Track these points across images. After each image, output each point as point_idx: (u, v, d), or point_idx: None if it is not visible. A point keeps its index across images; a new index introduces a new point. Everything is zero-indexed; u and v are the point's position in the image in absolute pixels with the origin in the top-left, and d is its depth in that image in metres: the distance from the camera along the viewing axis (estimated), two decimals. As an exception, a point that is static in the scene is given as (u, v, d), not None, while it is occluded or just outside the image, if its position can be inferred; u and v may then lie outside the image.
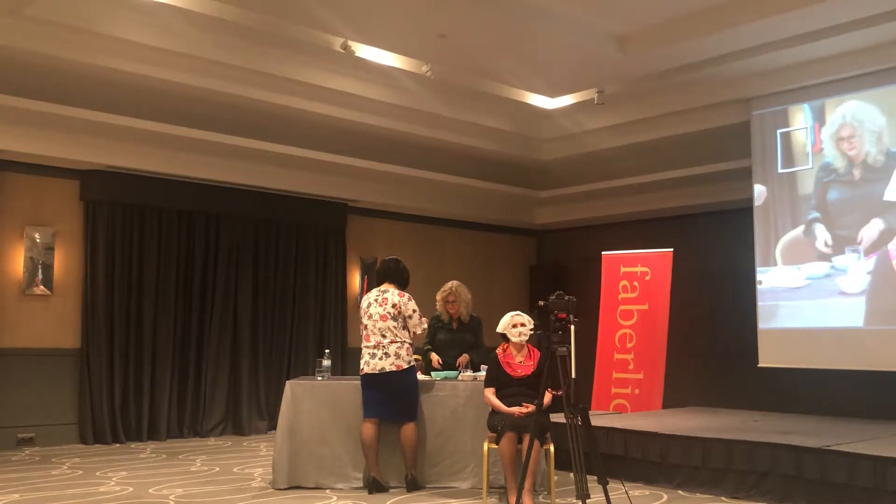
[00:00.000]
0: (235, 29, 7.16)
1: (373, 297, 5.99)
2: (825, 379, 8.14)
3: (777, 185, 8.28)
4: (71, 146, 7.92)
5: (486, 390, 5.55)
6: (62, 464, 6.99)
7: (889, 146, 7.50)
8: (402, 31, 7.40)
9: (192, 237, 8.98)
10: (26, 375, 7.91)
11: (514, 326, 5.54)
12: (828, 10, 6.57)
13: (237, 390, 9.11)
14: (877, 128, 7.61)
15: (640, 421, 7.14)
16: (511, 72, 8.39)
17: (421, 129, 9.25)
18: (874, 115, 7.61)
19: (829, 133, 7.93)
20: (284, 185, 9.41)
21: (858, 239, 7.63)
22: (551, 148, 10.40)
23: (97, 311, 8.25)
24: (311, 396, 6.06)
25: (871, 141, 7.63)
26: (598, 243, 10.19)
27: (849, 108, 7.79)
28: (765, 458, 5.67)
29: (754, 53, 7.49)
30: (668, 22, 7.24)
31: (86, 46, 6.97)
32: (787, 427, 6.81)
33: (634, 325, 8.72)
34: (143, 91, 7.67)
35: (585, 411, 4.67)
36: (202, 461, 7.20)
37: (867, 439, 6.02)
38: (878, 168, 7.56)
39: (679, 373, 9.20)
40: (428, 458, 6.00)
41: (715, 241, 10.17)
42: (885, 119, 7.53)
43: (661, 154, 9.60)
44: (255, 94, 7.98)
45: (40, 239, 8.10)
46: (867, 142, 7.66)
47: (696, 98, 8.57)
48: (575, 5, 6.97)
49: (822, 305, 7.86)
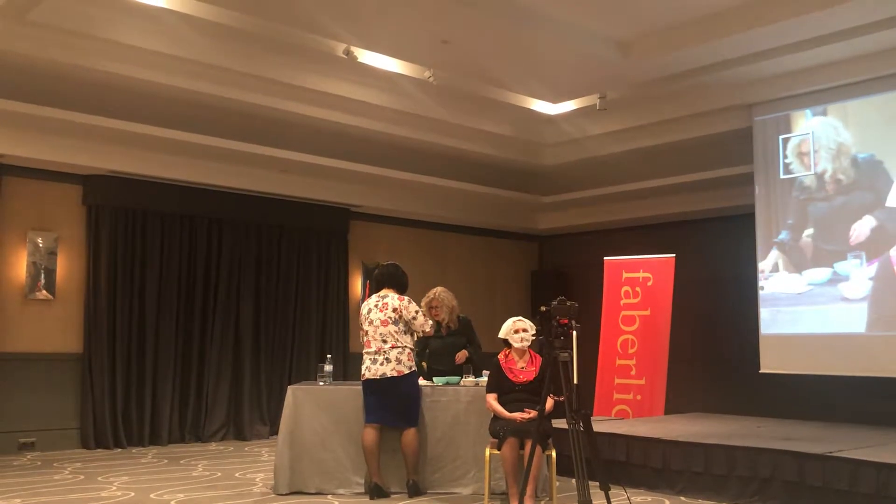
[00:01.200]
0: (238, 34, 7.17)
1: (373, 302, 5.98)
2: (827, 385, 8.12)
3: (779, 191, 8.28)
4: (74, 151, 7.93)
5: (488, 396, 5.54)
6: (64, 469, 6.98)
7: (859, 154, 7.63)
8: (404, 36, 7.41)
9: (195, 242, 8.99)
10: (28, 380, 7.91)
11: (515, 332, 5.54)
12: (831, 16, 6.57)
13: (239, 395, 9.11)
14: (835, 145, 7.81)
15: (642, 427, 7.13)
16: (514, 77, 8.40)
17: (423, 135, 9.26)
18: (837, 130, 7.81)
19: (792, 146, 8.14)
20: (287, 189, 9.42)
21: (853, 242, 7.68)
22: (554, 153, 10.40)
23: (99, 315, 8.26)
24: (312, 402, 6.06)
25: (829, 158, 7.84)
26: (600, 248, 10.21)
27: (813, 124, 7.98)
28: (767, 465, 5.66)
29: (756, 59, 7.49)
30: (671, 27, 7.25)
31: (89, 51, 6.99)
32: (789, 433, 6.80)
33: (636, 331, 8.72)
34: (146, 96, 7.69)
35: (587, 417, 4.66)
36: (204, 466, 7.19)
37: (870, 445, 6.01)
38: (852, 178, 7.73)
39: (681, 378, 9.19)
40: (429, 463, 5.99)
41: (717, 247, 10.16)
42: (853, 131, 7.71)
43: (664, 159, 9.60)
44: (258, 100, 7.99)
45: (43, 243, 8.11)
46: (825, 158, 7.86)
47: (699, 103, 8.57)
48: (577, 11, 6.97)
49: (824, 311, 7.85)
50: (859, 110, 7.75)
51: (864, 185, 7.67)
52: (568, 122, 9.56)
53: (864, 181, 7.67)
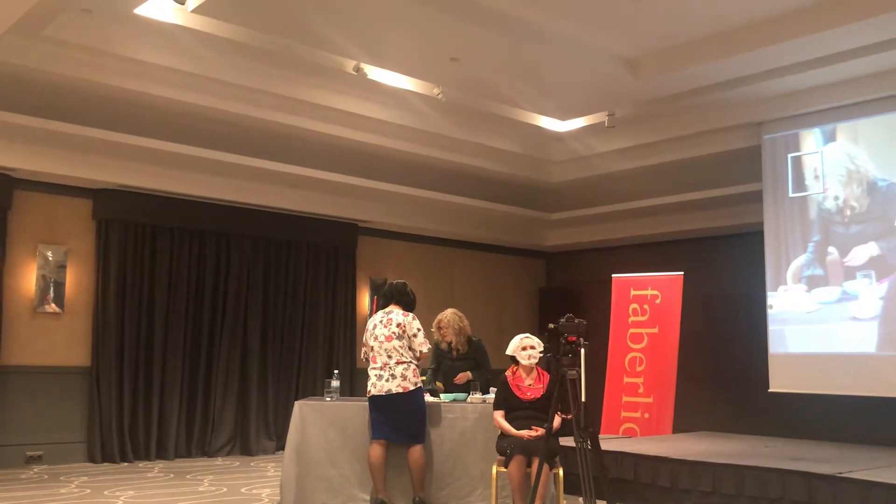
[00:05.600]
0: (249, 51, 7.22)
1: (378, 318, 5.98)
2: (837, 405, 8.07)
3: (788, 210, 8.27)
4: (84, 165, 7.98)
5: (496, 413, 5.53)
6: (70, 482, 6.98)
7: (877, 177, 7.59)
8: (414, 54, 7.45)
9: (204, 257, 9.01)
10: (36, 393, 7.92)
11: (523, 349, 5.53)
12: (839, 36, 6.58)
13: (245, 410, 9.10)
14: (845, 165, 7.84)
15: (650, 445, 7.09)
16: (522, 94, 8.43)
17: (432, 151, 9.29)
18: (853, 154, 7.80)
19: (801, 165, 8.16)
20: (296, 205, 9.45)
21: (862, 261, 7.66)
22: (562, 170, 10.42)
23: (108, 329, 8.28)
24: (319, 417, 6.05)
25: (839, 177, 7.86)
26: (608, 266, 10.18)
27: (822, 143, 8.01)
28: (776, 485, 5.61)
29: (765, 77, 7.51)
30: (679, 46, 7.27)
31: (101, 67, 7.04)
32: (798, 453, 6.75)
33: (644, 349, 8.69)
34: (157, 111, 7.73)
35: (595, 435, 4.64)
36: (210, 481, 7.18)
37: (880, 466, 5.96)
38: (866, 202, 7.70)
39: (689, 397, 9.14)
40: (436, 480, 5.97)
41: (725, 265, 10.14)
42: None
43: (672, 177, 9.61)
44: (268, 115, 8.03)
45: (53, 257, 8.15)
46: (834, 177, 7.89)
47: (707, 122, 8.58)
48: (586, 29, 7.01)
49: (833, 330, 7.81)
50: (869, 129, 7.74)
51: (874, 204, 7.65)
52: (576, 139, 9.58)
53: (875, 200, 7.64)
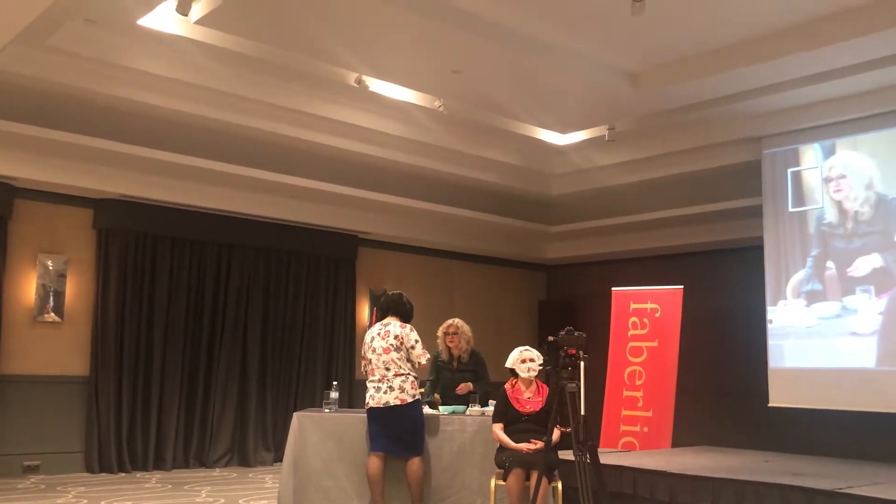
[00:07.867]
0: (251, 62, 7.24)
1: (375, 331, 5.97)
2: (837, 420, 8.05)
3: (787, 224, 8.28)
4: (85, 175, 7.99)
5: (494, 426, 5.51)
6: (67, 492, 6.96)
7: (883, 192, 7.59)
8: (415, 66, 7.48)
9: (204, 267, 9.02)
10: (34, 402, 7.91)
11: (522, 362, 5.52)
12: (839, 51, 6.61)
13: (244, 421, 9.08)
14: (845, 180, 7.84)
15: (649, 459, 7.07)
16: (523, 108, 8.45)
17: (432, 163, 9.31)
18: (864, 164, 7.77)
19: (801, 180, 8.17)
20: (296, 216, 9.46)
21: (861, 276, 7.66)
22: (562, 183, 10.44)
23: (107, 339, 8.27)
24: (318, 429, 6.04)
25: (839, 192, 7.87)
26: (608, 279, 10.19)
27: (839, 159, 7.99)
28: (775, 500, 5.59)
29: (766, 92, 7.53)
30: (680, 60, 7.29)
31: (104, 77, 7.06)
32: (798, 468, 6.73)
33: (644, 362, 8.68)
34: (159, 121, 7.75)
35: (594, 448, 4.63)
36: (207, 492, 7.16)
37: (880, 482, 5.94)
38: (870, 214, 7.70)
39: (688, 411, 9.12)
40: (434, 493, 5.94)
41: (725, 279, 10.13)
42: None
43: (672, 191, 9.62)
44: (269, 127, 8.05)
45: (53, 266, 8.15)
46: (835, 191, 7.91)
47: (707, 136, 8.60)
48: (587, 43, 7.03)
49: (833, 345, 7.80)
50: (869, 144, 7.76)
51: (875, 219, 7.66)
52: (576, 152, 9.60)
53: (876, 215, 7.66)
